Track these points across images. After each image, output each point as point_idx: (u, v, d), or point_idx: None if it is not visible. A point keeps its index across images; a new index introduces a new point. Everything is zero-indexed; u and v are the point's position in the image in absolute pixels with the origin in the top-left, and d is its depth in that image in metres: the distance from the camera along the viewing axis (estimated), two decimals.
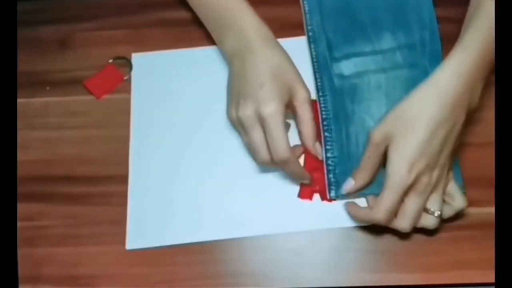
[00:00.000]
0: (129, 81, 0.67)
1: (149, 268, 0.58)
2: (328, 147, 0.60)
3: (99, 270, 0.58)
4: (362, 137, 0.60)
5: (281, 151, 0.55)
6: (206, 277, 0.57)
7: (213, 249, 0.58)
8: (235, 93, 0.58)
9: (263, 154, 0.56)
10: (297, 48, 0.65)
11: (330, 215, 0.59)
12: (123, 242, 0.59)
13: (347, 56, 0.64)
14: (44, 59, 0.69)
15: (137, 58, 0.68)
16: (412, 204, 0.54)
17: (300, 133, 0.60)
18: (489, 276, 0.55)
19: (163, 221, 0.60)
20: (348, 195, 0.58)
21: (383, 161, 0.55)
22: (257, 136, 0.56)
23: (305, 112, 0.58)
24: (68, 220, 0.61)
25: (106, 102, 0.66)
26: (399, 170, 0.52)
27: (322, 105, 0.62)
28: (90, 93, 0.66)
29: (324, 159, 0.60)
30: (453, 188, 0.56)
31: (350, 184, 0.57)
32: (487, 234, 0.56)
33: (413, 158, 0.52)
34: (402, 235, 0.57)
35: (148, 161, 0.62)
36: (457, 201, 0.55)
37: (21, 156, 0.63)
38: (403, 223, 0.54)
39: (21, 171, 0.62)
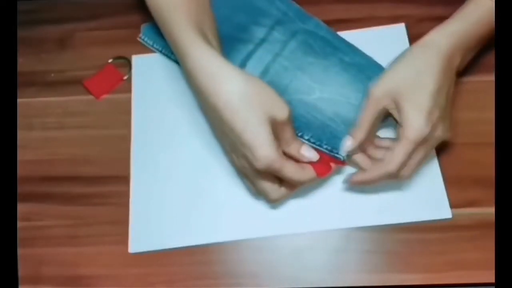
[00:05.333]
0: (128, 81, 0.67)
1: (149, 268, 0.58)
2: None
3: (99, 271, 0.58)
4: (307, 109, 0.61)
5: (300, 181, 0.53)
6: (206, 278, 0.57)
7: (213, 250, 0.58)
8: (220, 138, 0.57)
9: (276, 195, 0.54)
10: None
11: (330, 216, 0.59)
12: (123, 242, 0.59)
13: (242, 65, 0.64)
14: (44, 59, 0.69)
15: (136, 59, 0.68)
16: (419, 155, 0.54)
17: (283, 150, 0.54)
18: (489, 276, 0.55)
19: (166, 224, 0.59)
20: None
21: (381, 118, 0.57)
22: (262, 184, 0.53)
23: (286, 134, 0.52)
24: (68, 220, 0.61)
25: (105, 102, 0.66)
26: (417, 122, 0.52)
27: None
28: (90, 93, 0.66)
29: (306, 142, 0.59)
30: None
31: (348, 143, 0.56)
32: (487, 234, 0.56)
33: (428, 109, 0.53)
34: (402, 236, 0.57)
35: (149, 161, 0.62)
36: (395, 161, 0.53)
37: (21, 156, 0.63)
38: (406, 172, 0.54)
39: (21, 171, 0.62)
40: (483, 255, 0.56)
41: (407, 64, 0.55)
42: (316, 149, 0.57)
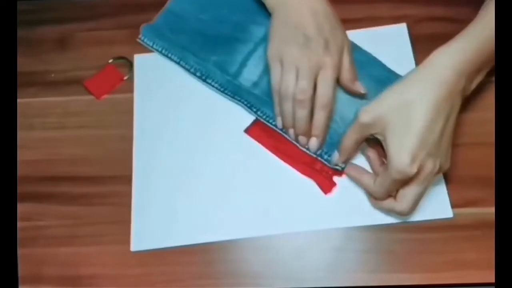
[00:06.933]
0: (129, 81, 0.67)
1: (149, 268, 0.58)
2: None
3: (99, 271, 0.58)
4: None
5: (303, 93, 0.57)
6: (206, 277, 0.57)
7: (214, 249, 0.58)
8: (281, 37, 0.59)
9: (290, 92, 0.57)
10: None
11: (330, 216, 0.59)
12: (123, 242, 0.59)
13: (242, 65, 0.64)
14: (44, 59, 0.69)
15: (139, 59, 0.68)
16: (413, 190, 0.54)
17: (339, 78, 0.60)
18: (489, 276, 0.55)
19: (167, 222, 0.59)
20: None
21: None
22: (292, 78, 0.57)
23: (345, 61, 0.59)
24: (68, 220, 0.61)
25: (106, 102, 0.66)
26: (401, 162, 0.51)
27: (264, 117, 0.62)
28: (90, 93, 0.66)
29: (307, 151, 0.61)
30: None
31: (335, 158, 0.59)
32: (487, 234, 0.56)
33: (414, 149, 0.51)
34: (402, 236, 0.57)
35: (151, 162, 0.62)
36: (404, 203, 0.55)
37: (21, 156, 0.63)
38: (403, 207, 0.54)
39: (21, 171, 0.62)
40: (483, 255, 0.56)
41: (401, 91, 0.53)
42: (318, 161, 0.60)
